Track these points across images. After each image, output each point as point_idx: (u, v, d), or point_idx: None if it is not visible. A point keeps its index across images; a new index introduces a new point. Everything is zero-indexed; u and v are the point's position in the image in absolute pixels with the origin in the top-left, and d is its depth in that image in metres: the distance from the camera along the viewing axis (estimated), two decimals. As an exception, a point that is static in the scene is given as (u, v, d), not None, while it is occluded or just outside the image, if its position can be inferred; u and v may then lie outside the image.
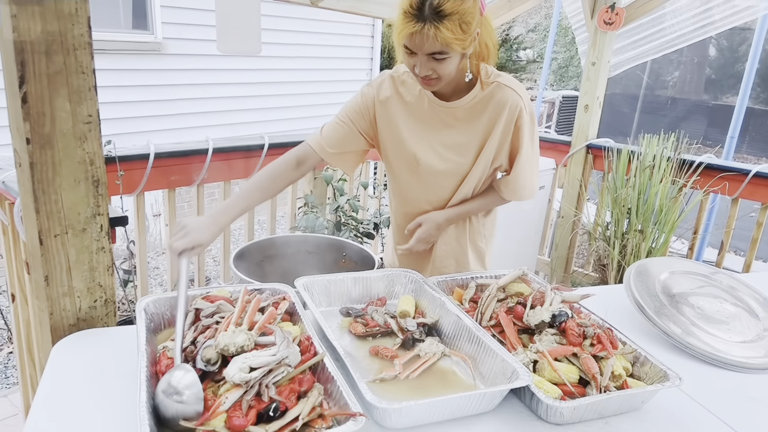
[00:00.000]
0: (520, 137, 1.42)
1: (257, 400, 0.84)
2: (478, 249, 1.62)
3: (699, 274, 1.48)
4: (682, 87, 9.95)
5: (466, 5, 1.21)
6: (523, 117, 1.40)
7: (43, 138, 1.04)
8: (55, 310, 1.13)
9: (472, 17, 1.23)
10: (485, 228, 1.63)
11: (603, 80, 3.03)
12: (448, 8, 1.19)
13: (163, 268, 4.65)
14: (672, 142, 2.73)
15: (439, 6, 1.19)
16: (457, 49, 1.24)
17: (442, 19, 1.19)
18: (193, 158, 2.23)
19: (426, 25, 1.20)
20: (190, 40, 5.05)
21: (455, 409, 0.91)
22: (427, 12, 1.19)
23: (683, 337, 1.23)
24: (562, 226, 3.27)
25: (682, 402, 1.05)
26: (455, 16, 1.20)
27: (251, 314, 0.98)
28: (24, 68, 1.00)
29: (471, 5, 1.22)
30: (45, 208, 1.07)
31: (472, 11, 1.23)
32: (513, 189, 1.50)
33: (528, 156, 1.45)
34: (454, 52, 1.25)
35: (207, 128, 5.05)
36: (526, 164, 1.46)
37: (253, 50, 1.81)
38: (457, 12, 1.20)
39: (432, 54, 1.25)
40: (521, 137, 1.42)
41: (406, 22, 1.22)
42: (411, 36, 1.22)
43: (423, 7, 1.19)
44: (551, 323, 1.09)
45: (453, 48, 1.23)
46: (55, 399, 0.93)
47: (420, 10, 1.20)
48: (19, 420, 2.37)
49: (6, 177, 1.61)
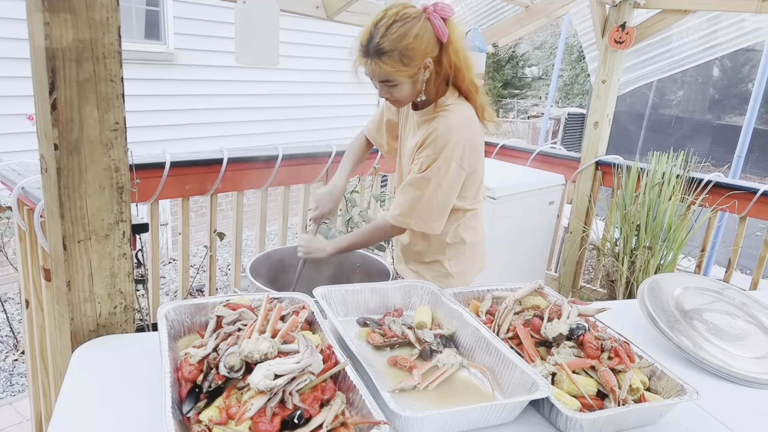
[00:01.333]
0: (416, 161, 1.56)
1: (281, 407, 0.84)
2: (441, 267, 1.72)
3: (711, 290, 1.49)
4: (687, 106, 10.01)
5: (406, 42, 1.40)
6: (427, 145, 1.52)
7: (71, 144, 1.06)
8: (76, 316, 1.14)
9: (414, 51, 1.41)
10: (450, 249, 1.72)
11: (613, 98, 3.06)
12: (386, 47, 1.40)
13: (170, 277, 4.66)
14: (681, 160, 2.74)
15: (379, 45, 1.41)
16: (401, 78, 1.44)
17: (381, 55, 1.41)
18: (208, 168, 2.25)
19: (369, 60, 1.43)
20: (202, 51, 5.12)
21: (476, 419, 0.91)
22: (371, 49, 1.42)
23: (697, 352, 1.24)
24: (571, 241, 3.28)
25: (697, 416, 1.05)
26: (394, 53, 1.40)
27: (274, 322, 0.99)
28: (54, 75, 1.02)
29: (412, 41, 1.40)
30: (70, 214, 1.09)
31: (414, 46, 1.41)
32: (393, 205, 1.62)
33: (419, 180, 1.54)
34: (401, 81, 1.45)
35: (220, 139, 5.10)
36: (412, 187, 1.55)
37: (271, 62, 1.84)
38: (396, 49, 1.40)
39: (382, 81, 1.47)
40: (417, 162, 1.55)
41: (359, 56, 1.46)
42: (363, 67, 1.46)
43: (369, 45, 1.42)
44: (569, 336, 1.09)
45: (396, 78, 1.44)
46: (76, 403, 0.93)
47: (367, 47, 1.43)
48: (24, 428, 2.37)
49: (26, 183, 1.63)
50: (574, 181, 3.24)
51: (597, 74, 3.02)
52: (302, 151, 2.56)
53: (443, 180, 1.53)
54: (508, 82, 15.24)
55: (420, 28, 1.41)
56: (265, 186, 2.49)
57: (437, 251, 1.70)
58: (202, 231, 4.93)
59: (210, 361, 0.94)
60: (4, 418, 2.42)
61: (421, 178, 1.53)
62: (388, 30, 1.40)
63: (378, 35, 1.41)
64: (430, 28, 1.43)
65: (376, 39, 1.40)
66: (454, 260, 1.71)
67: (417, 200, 1.55)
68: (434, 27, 1.43)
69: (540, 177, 3.06)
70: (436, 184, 1.53)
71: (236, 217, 2.51)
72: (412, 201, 1.56)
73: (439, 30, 1.43)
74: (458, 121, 1.51)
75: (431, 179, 1.52)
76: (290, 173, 2.54)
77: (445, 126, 1.50)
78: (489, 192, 2.63)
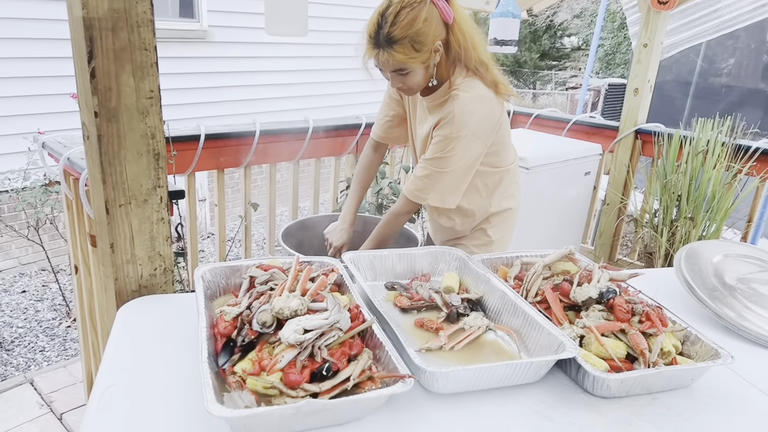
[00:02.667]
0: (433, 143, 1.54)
1: (310, 360, 0.87)
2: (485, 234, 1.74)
3: (753, 257, 1.44)
4: (738, 74, 9.48)
5: (416, 28, 1.38)
6: (443, 125, 1.50)
7: (110, 112, 1.10)
8: (120, 277, 1.20)
9: (425, 36, 1.40)
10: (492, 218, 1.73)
11: (655, 63, 2.94)
12: (397, 35, 1.38)
13: (209, 251, 4.81)
14: (727, 126, 2.62)
15: (389, 34, 1.39)
16: (414, 65, 1.43)
17: (393, 44, 1.39)
18: (241, 140, 2.30)
19: (380, 50, 1.41)
20: (235, 27, 5.16)
21: (501, 377, 0.92)
22: (381, 39, 1.40)
23: (736, 320, 1.20)
24: (607, 213, 3.20)
25: (733, 382, 1.03)
26: (406, 40, 1.39)
27: (303, 281, 1.02)
28: (92, 44, 1.06)
29: (422, 26, 1.39)
30: (111, 179, 1.14)
31: (424, 30, 1.39)
32: (410, 180, 1.60)
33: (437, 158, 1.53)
34: (414, 67, 1.43)
35: (253, 115, 5.17)
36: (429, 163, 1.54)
37: (300, 32, 1.85)
38: (407, 36, 1.38)
39: (395, 71, 1.45)
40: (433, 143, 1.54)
41: (368, 48, 1.44)
42: (373, 59, 1.45)
43: (378, 35, 1.40)
44: (599, 300, 1.08)
45: (410, 65, 1.43)
46: (121, 355, 0.99)
47: (376, 37, 1.41)
48: (77, 389, 2.53)
49: (71, 153, 1.71)
50: (611, 151, 3.15)
51: (638, 38, 2.89)
52: (332, 124, 2.58)
53: (462, 158, 1.53)
54: (545, 53, 14.77)
55: (427, 12, 1.40)
56: (297, 158, 2.52)
57: (480, 221, 1.72)
58: (238, 206, 5.04)
59: (243, 317, 0.98)
60: (59, 380, 2.59)
61: (440, 157, 1.53)
62: (397, 18, 1.39)
63: (387, 24, 1.39)
64: (436, 11, 1.42)
65: (386, 28, 1.39)
66: (497, 227, 1.73)
67: (435, 177, 1.56)
68: (439, 10, 1.42)
69: (576, 147, 2.99)
70: (454, 162, 1.53)
71: (270, 190, 2.56)
72: (431, 177, 1.56)
73: (445, 12, 1.42)
74: (471, 98, 1.50)
75: (450, 158, 1.52)
76: (321, 146, 2.56)
77: (460, 106, 1.49)
78: (522, 162, 2.59)
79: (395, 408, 0.89)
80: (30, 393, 2.48)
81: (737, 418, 0.94)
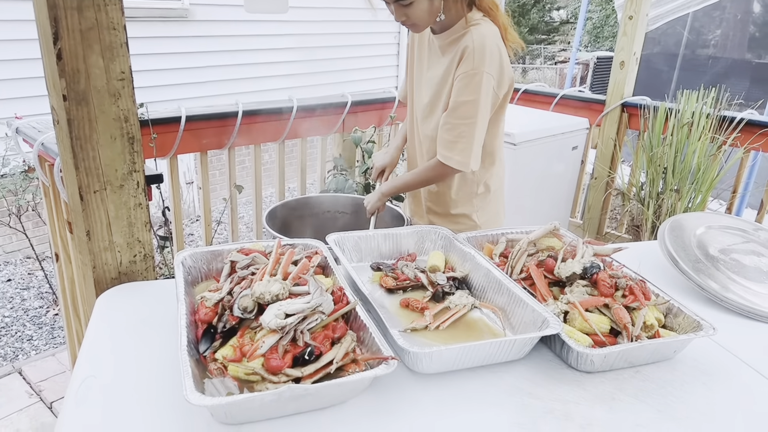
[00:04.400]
0: (455, 84, 1.48)
1: (293, 345, 0.87)
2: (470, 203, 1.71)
3: (735, 228, 1.44)
4: (724, 45, 9.46)
5: None
6: (464, 61, 1.45)
7: (79, 95, 1.06)
8: (98, 264, 1.18)
9: None
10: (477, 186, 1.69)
11: (640, 35, 2.91)
12: None
13: (198, 234, 4.77)
14: (712, 98, 2.61)
15: None
16: None
17: None
18: (224, 121, 2.25)
19: None
20: (217, 5, 5.03)
21: (485, 355, 0.92)
22: None
23: (720, 292, 1.21)
24: (595, 187, 3.20)
25: (716, 353, 1.04)
26: None
27: (285, 265, 1.01)
28: (57, 24, 1.01)
29: None
30: (84, 165, 1.11)
31: None
32: (440, 145, 1.53)
33: (460, 111, 1.48)
34: None
35: (237, 95, 5.08)
36: (454, 118, 1.49)
37: (280, 9, 1.80)
38: None
39: (397, 1, 1.40)
40: (456, 85, 1.48)
41: None
42: None
43: None
44: (582, 275, 1.08)
45: None
46: (100, 345, 0.98)
47: None
48: (67, 377, 2.51)
49: (45, 138, 1.66)
50: (598, 125, 3.13)
51: (624, 10, 2.86)
52: (317, 102, 2.53)
53: (485, 97, 1.46)
54: (534, 26, 14.64)
55: None
56: (282, 138, 2.48)
57: (465, 203, 1.68)
58: (226, 188, 4.99)
59: (225, 303, 0.96)
60: (48, 369, 2.57)
61: (463, 101, 1.46)
62: None
63: None
64: None
65: None
66: (482, 211, 1.69)
67: (461, 129, 1.48)
68: None
69: (562, 121, 2.97)
70: (481, 104, 1.45)
71: (255, 172, 2.52)
72: (457, 130, 1.48)
73: None
74: (490, 33, 1.45)
75: (475, 99, 1.45)
76: (306, 125, 2.52)
77: (479, 36, 1.43)
78: (509, 138, 2.57)
79: (380, 390, 0.88)
80: (19, 382, 2.46)
81: (720, 388, 0.95)
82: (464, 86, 1.45)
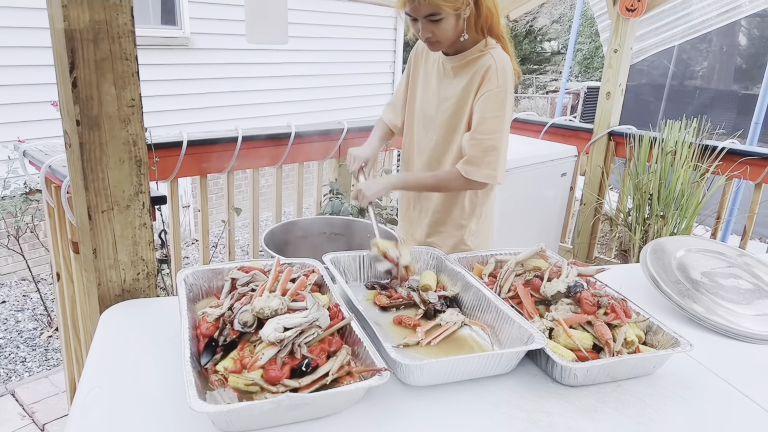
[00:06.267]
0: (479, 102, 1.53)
1: (290, 357, 0.91)
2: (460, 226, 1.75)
3: (715, 252, 1.51)
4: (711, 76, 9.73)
5: None
6: (488, 79, 1.51)
7: (92, 120, 1.13)
8: (103, 281, 1.23)
9: None
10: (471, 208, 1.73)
11: (625, 67, 3.03)
12: None
13: (193, 257, 4.79)
14: (694, 128, 2.72)
15: None
16: (448, 9, 1.43)
17: None
18: (224, 146, 2.32)
19: None
20: (217, 34, 5.17)
21: (474, 368, 0.97)
22: None
23: (702, 313, 1.27)
24: (584, 213, 3.28)
25: (694, 369, 1.09)
26: None
27: (284, 282, 1.06)
28: (74, 55, 1.08)
29: None
30: (93, 186, 1.16)
31: None
32: (466, 160, 1.57)
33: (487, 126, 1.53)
34: (446, 13, 1.44)
35: (236, 121, 5.19)
36: (480, 134, 1.54)
37: (281, 40, 1.88)
38: None
39: (427, 16, 1.44)
40: (480, 102, 1.53)
41: None
42: (407, 3, 1.44)
43: None
44: (567, 294, 1.14)
45: (443, 9, 1.43)
46: (105, 358, 1.02)
47: None
48: (60, 399, 2.51)
49: (52, 161, 1.72)
50: (587, 153, 3.23)
51: (609, 44, 2.99)
52: (315, 129, 2.61)
53: (509, 113, 1.54)
54: (526, 57, 14.98)
55: None
56: (279, 163, 2.55)
57: (463, 225, 1.73)
58: (222, 212, 5.03)
59: (225, 318, 1.01)
60: (41, 391, 2.57)
61: (491, 117, 1.52)
62: None
63: None
64: None
65: None
66: (475, 235, 1.76)
67: (489, 143, 1.53)
68: None
69: (552, 149, 3.06)
70: (507, 119, 1.53)
71: (253, 195, 2.58)
72: (484, 144, 1.53)
73: None
74: (507, 57, 1.54)
75: (502, 115, 1.52)
76: (303, 151, 2.60)
77: (499, 58, 1.52)
78: (500, 164, 2.65)
79: (373, 401, 0.92)
80: (11, 404, 2.46)
81: (697, 402, 0.99)
82: (491, 103, 1.52)
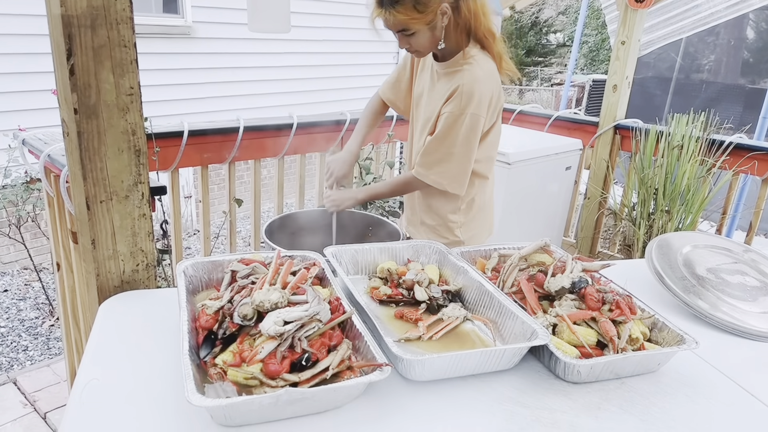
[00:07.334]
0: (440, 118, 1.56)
1: (290, 351, 0.90)
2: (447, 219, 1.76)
3: (722, 248, 1.49)
4: (718, 70, 9.64)
5: None
6: (452, 100, 1.53)
7: (89, 108, 1.11)
8: (102, 272, 1.21)
9: None
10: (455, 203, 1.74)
11: (632, 60, 2.99)
12: None
13: (195, 248, 4.79)
14: (701, 122, 2.68)
15: None
16: (417, 26, 1.44)
17: (395, 4, 1.42)
18: (225, 136, 2.30)
19: (383, 10, 1.44)
20: (219, 23, 5.13)
21: (476, 364, 0.95)
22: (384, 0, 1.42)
23: (707, 310, 1.25)
24: (588, 207, 3.26)
25: (698, 366, 1.07)
26: (408, 1, 1.41)
27: (284, 275, 1.04)
28: (71, 41, 1.06)
29: None
30: (91, 176, 1.15)
31: None
32: (418, 162, 1.62)
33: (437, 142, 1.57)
34: (417, 28, 1.45)
35: (238, 111, 5.16)
36: (433, 144, 1.58)
37: (283, 29, 1.86)
38: None
39: (399, 31, 1.47)
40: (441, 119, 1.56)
41: (374, 8, 1.46)
42: (379, 19, 1.46)
43: None
44: (571, 289, 1.12)
45: (412, 26, 1.44)
46: (103, 349, 1.01)
47: None
48: (61, 388, 2.52)
49: (51, 150, 1.70)
50: (592, 146, 3.20)
51: (616, 35, 2.95)
52: (317, 119, 2.59)
53: (468, 134, 1.55)
54: (531, 49, 14.86)
55: None
56: (281, 154, 2.53)
57: (449, 216, 1.72)
58: (224, 203, 5.02)
59: (225, 311, 1.00)
60: (43, 379, 2.57)
61: (445, 134, 1.56)
62: None
63: None
64: None
65: None
66: (465, 227, 1.74)
67: (440, 155, 1.59)
68: None
69: (556, 142, 3.03)
70: (461, 139, 1.55)
71: (254, 186, 2.57)
72: (436, 155, 1.59)
73: None
74: (483, 74, 1.53)
75: (456, 134, 1.55)
76: (305, 141, 2.57)
77: (471, 79, 1.51)
78: (504, 158, 2.63)
79: (374, 396, 0.91)
80: (13, 392, 2.47)
81: (702, 399, 0.98)
82: (447, 125, 1.55)
